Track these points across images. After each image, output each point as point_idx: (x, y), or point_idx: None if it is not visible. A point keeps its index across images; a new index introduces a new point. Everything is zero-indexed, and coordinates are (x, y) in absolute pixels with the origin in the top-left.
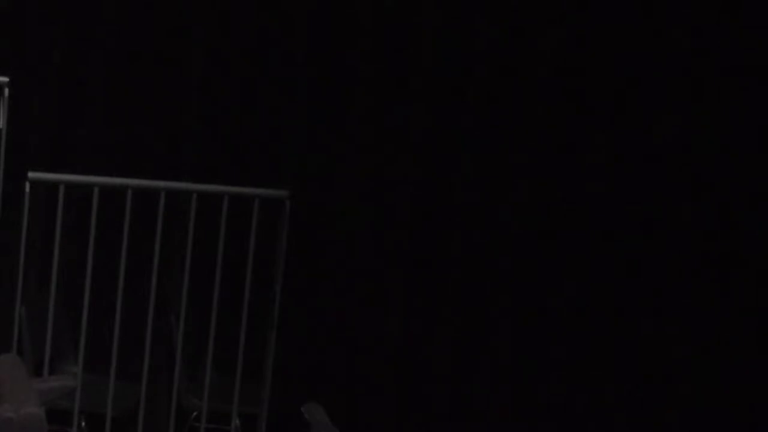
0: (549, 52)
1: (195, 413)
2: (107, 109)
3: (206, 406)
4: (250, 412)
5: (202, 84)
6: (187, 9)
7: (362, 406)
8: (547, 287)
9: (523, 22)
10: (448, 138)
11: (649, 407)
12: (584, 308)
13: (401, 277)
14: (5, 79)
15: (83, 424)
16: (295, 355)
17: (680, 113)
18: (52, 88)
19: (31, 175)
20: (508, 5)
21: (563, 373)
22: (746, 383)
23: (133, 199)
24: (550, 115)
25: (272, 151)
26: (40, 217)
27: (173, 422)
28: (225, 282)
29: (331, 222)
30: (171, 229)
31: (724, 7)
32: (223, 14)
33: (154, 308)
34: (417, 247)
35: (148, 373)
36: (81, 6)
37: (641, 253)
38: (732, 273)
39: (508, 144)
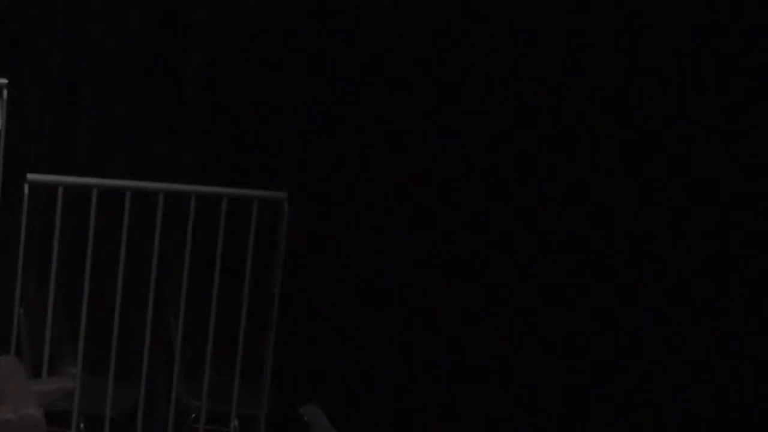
0: (549, 52)
1: (194, 414)
2: (106, 111)
3: (205, 407)
4: (249, 413)
5: (201, 85)
6: (187, 9)
7: (361, 407)
8: (547, 287)
9: (523, 22)
10: (447, 138)
11: (649, 407)
12: (585, 309)
13: (400, 277)
14: (5, 80)
15: (82, 425)
16: (294, 356)
17: (680, 113)
18: (52, 89)
19: (30, 176)
20: (509, 5)
21: (563, 372)
22: (746, 383)
23: (131, 201)
24: (550, 115)
25: (271, 153)
26: (39, 218)
27: (172, 423)
28: (224, 283)
29: (329, 223)
30: (170, 231)
31: (724, 8)
32: (223, 14)
33: (152, 310)
34: (416, 248)
35: (147, 374)
36: (81, 6)
37: (641, 254)
38: (732, 273)
39: (508, 144)
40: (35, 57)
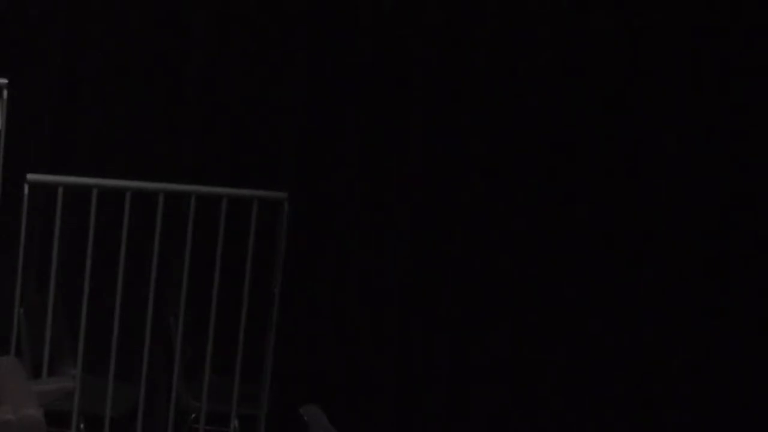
0: (549, 52)
1: (194, 414)
2: (106, 111)
3: (205, 407)
4: (249, 413)
5: (201, 85)
6: (187, 9)
7: (361, 407)
8: (547, 287)
9: (523, 22)
10: (447, 138)
11: (649, 407)
12: (585, 309)
13: (400, 277)
14: (5, 80)
15: (82, 425)
16: (294, 356)
17: (680, 113)
18: (52, 89)
19: (29, 176)
20: (509, 5)
21: (563, 372)
22: (746, 383)
23: (131, 201)
24: (550, 115)
25: (271, 153)
26: (39, 218)
27: (172, 423)
28: (224, 283)
29: (329, 223)
30: (170, 231)
31: (724, 8)
32: (223, 14)
33: (152, 310)
34: (416, 248)
35: (147, 374)
36: (81, 6)
37: (641, 253)
38: (732, 273)
39: (508, 144)
40: (35, 57)
